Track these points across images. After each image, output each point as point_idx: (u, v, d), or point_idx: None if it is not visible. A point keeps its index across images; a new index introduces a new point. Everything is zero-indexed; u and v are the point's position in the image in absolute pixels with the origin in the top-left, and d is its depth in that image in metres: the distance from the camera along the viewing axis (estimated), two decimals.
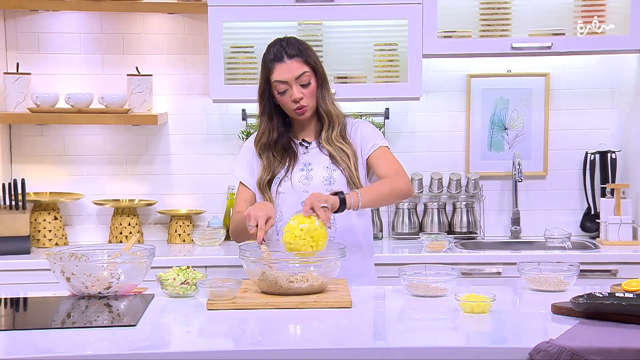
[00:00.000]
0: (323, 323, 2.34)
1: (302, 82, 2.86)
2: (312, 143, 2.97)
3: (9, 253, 3.80)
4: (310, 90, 2.89)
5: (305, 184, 2.91)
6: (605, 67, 4.25)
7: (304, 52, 2.89)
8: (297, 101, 2.86)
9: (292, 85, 2.85)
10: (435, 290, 2.58)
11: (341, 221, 2.89)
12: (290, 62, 2.86)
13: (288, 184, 2.92)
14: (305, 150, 2.97)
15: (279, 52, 2.87)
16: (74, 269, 2.55)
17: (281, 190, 2.92)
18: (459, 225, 4.23)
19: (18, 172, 4.17)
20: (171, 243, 4.17)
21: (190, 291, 2.60)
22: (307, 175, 2.92)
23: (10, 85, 4.01)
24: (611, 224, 3.99)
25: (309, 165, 2.94)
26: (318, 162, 2.94)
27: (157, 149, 4.27)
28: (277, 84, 2.87)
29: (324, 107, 2.93)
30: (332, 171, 2.91)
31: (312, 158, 2.95)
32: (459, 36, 4.02)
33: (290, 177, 2.92)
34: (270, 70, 2.88)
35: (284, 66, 2.86)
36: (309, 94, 2.88)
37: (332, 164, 2.92)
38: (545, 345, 2.04)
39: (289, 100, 2.87)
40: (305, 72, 2.87)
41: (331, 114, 2.94)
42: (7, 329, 2.31)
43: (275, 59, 2.87)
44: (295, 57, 2.86)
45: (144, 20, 4.20)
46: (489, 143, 4.31)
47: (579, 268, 2.71)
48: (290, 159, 2.95)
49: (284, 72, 2.86)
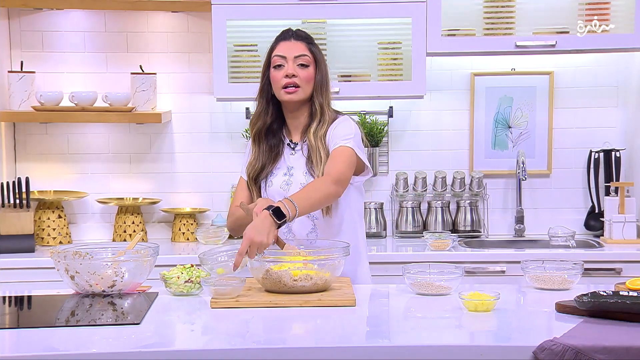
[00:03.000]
0: (327, 321, 2.34)
1: (300, 62, 2.84)
2: (298, 144, 2.91)
3: (13, 251, 3.81)
4: (307, 74, 2.84)
5: (285, 189, 2.86)
6: (610, 66, 4.24)
7: (311, 42, 2.90)
8: (289, 77, 2.81)
9: (288, 61, 2.83)
10: (439, 289, 2.58)
11: (300, 227, 2.85)
12: (294, 42, 2.87)
13: (271, 188, 2.88)
14: (292, 152, 2.91)
15: (288, 32, 2.90)
16: (78, 267, 2.55)
17: (264, 194, 2.89)
18: (462, 223, 4.23)
19: (22, 170, 4.17)
20: (175, 241, 4.17)
21: (194, 289, 2.61)
22: (288, 180, 2.88)
23: (14, 84, 4.01)
24: (615, 223, 3.98)
25: (291, 169, 2.89)
26: (299, 167, 2.89)
27: (161, 147, 4.27)
28: (275, 59, 2.85)
29: (319, 101, 2.86)
30: (308, 177, 2.85)
31: (295, 161, 2.90)
32: (463, 34, 4.02)
33: (273, 180, 2.89)
34: (273, 47, 2.89)
35: (287, 43, 2.86)
36: (305, 77, 2.83)
37: (308, 170, 2.85)
38: (549, 344, 2.04)
39: (282, 77, 2.83)
40: (306, 55, 2.85)
41: (324, 110, 2.86)
42: (12, 327, 2.31)
43: (281, 37, 2.89)
44: (301, 40, 2.87)
45: (148, 18, 4.20)
46: (493, 141, 4.31)
47: (583, 266, 2.71)
48: (277, 160, 2.90)
49: (285, 49, 2.86)
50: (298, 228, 2.85)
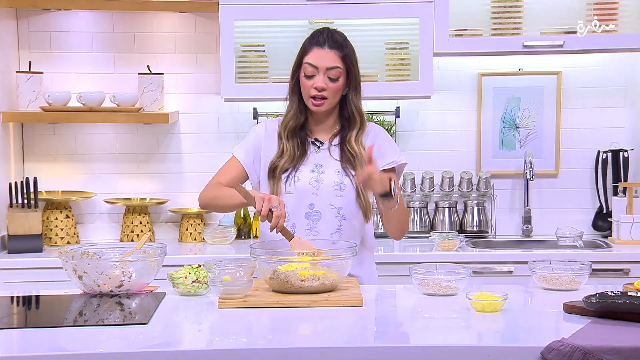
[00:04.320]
0: (334, 322, 2.34)
1: (331, 76, 2.83)
2: (325, 143, 2.92)
3: (21, 251, 3.82)
4: (336, 87, 2.84)
5: (315, 186, 2.86)
6: (618, 65, 4.23)
7: (346, 49, 2.87)
8: (319, 90, 2.83)
9: (320, 72, 2.82)
10: (446, 289, 2.58)
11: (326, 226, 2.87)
12: (328, 51, 2.84)
13: (299, 184, 2.87)
14: (317, 150, 2.92)
15: (323, 38, 2.86)
16: (86, 267, 2.55)
17: (290, 190, 2.87)
18: (470, 224, 4.23)
19: (30, 170, 4.18)
20: (182, 241, 4.18)
21: (202, 290, 2.61)
22: (318, 177, 2.87)
23: (22, 84, 4.02)
24: (623, 223, 3.98)
25: (320, 167, 2.89)
26: (329, 165, 2.89)
27: (169, 147, 4.28)
28: (307, 66, 2.84)
29: (356, 105, 2.89)
30: (343, 177, 2.87)
31: (323, 160, 2.90)
32: (470, 34, 4.01)
33: (300, 176, 2.87)
34: (306, 51, 2.86)
35: (321, 52, 2.84)
36: (333, 90, 2.84)
37: (343, 170, 2.88)
38: (557, 345, 2.04)
39: (311, 87, 2.83)
40: (338, 67, 2.83)
41: (362, 114, 2.91)
42: (20, 327, 2.32)
43: (316, 43, 2.85)
44: (335, 49, 2.84)
45: (155, 19, 4.21)
46: (501, 142, 4.30)
47: (591, 267, 2.70)
48: (304, 156, 2.90)
49: (318, 58, 2.83)
50: (324, 228, 2.84)
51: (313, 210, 2.85)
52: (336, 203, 2.85)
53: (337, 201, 2.85)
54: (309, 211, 2.85)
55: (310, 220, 2.85)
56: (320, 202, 2.85)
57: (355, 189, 2.86)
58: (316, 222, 2.85)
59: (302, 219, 2.85)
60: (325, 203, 2.85)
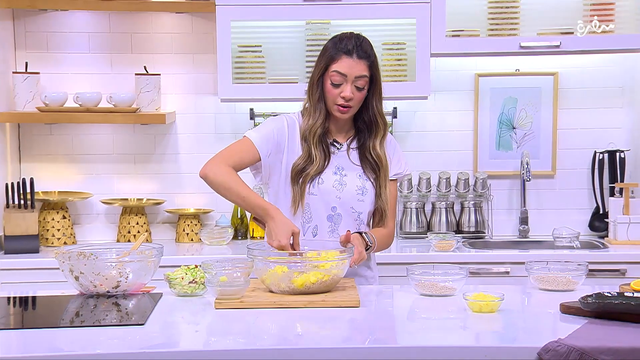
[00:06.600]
0: (331, 322, 2.34)
1: (358, 85, 2.81)
2: (343, 145, 2.92)
3: (18, 252, 3.82)
4: (361, 95, 2.84)
5: (339, 189, 2.86)
6: (615, 66, 4.24)
7: (373, 59, 2.85)
8: (346, 100, 2.81)
9: (348, 82, 2.80)
10: (443, 290, 2.58)
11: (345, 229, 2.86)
12: (358, 60, 2.81)
13: (323, 186, 2.86)
14: (336, 152, 2.90)
15: (353, 47, 2.82)
16: (83, 267, 2.55)
17: (314, 192, 2.85)
18: (467, 224, 4.23)
19: (27, 171, 4.18)
20: (179, 242, 4.18)
21: (199, 290, 2.61)
22: (341, 180, 2.88)
23: (19, 85, 4.02)
24: (620, 224, 3.98)
25: (342, 169, 2.89)
26: (350, 168, 2.89)
27: (166, 148, 4.27)
28: (335, 74, 2.81)
29: (375, 113, 2.88)
30: (364, 181, 2.88)
31: (343, 162, 2.90)
32: (467, 35, 4.02)
33: (324, 178, 2.86)
34: (334, 59, 2.82)
35: (350, 61, 2.80)
36: (359, 99, 2.84)
37: (364, 174, 2.89)
38: (554, 345, 2.04)
39: (338, 95, 2.81)
40: (365, 76, 2.82)
41: (384, 120, 2.91)
42: (16, 327, 2.32)
43: (345, 51, 2.81)
44: (364, 59, 2.81)
45: (153, 19, 4.21)
46: (497, 142, 4.31)
47: (588, 267, 2.71)
48: (327, 159, 2.88)
49: (348, 67, 2.80)
50: (344, 231, 2.81)
51: (335, 212, 2.86)
52: (357, 207, 2.88)
53: (358, 205, 2.87)
54: (332, 214, 2.86)
55: (332, 223, 2.86)
56: (342, 205, 2.86)
57: (375, 192, 2.89)
58: (337, 224, 2.87)
59: (324, 221, 2.86)
60: (347, 207, 2.86)
